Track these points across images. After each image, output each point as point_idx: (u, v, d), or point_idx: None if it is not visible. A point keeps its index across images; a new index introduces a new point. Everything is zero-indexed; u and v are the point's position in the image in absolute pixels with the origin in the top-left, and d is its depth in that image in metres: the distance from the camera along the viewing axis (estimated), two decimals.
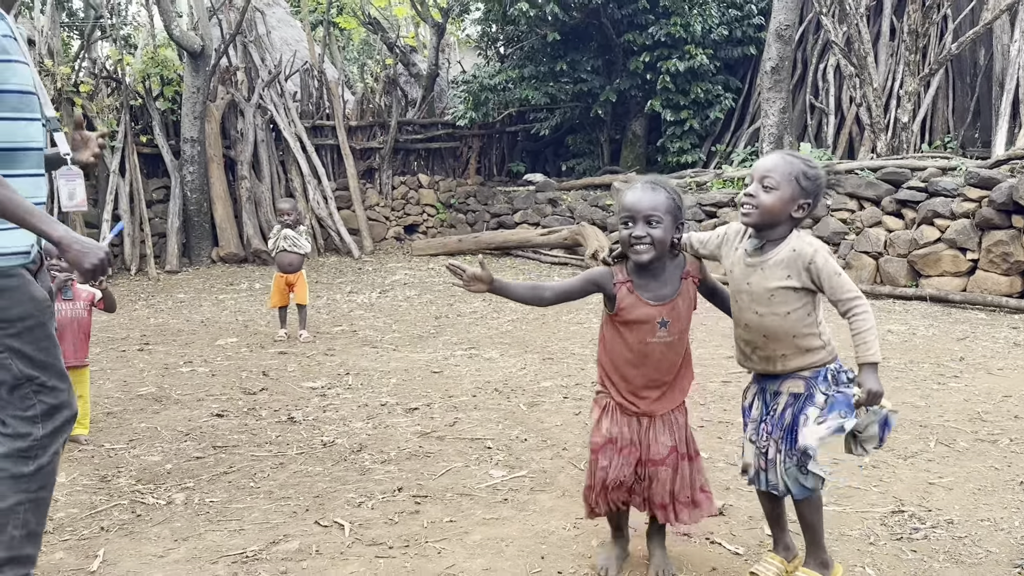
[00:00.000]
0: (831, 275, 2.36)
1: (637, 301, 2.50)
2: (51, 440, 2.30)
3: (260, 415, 4.66)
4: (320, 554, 2.85)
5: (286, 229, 6.82)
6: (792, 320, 2.42)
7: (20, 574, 2.30)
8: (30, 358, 2.26)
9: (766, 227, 2.43)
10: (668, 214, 2.45)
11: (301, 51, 15.56)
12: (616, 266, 2.57)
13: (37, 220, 2.14)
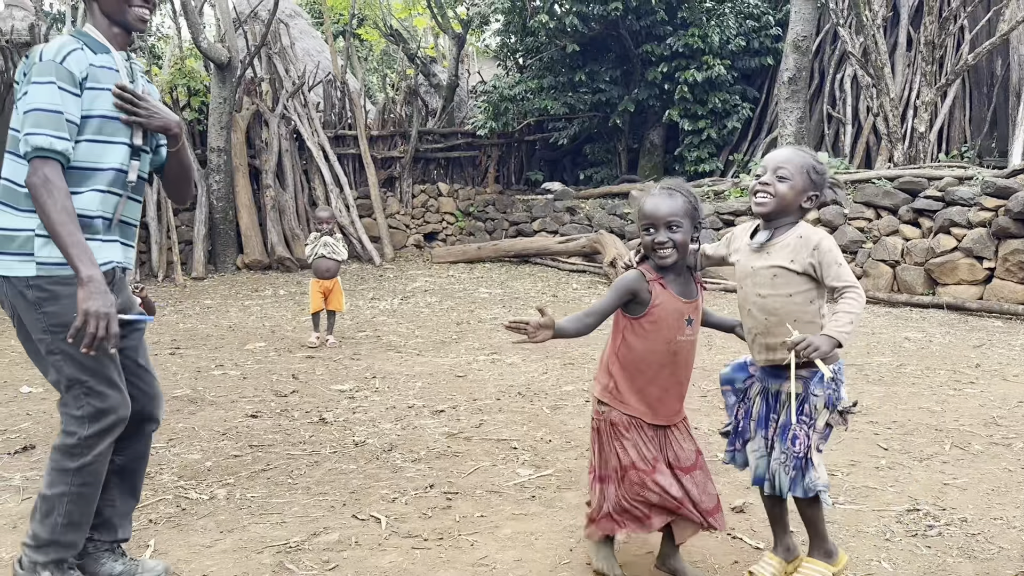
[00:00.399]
0: (832, 263, 2.45)
1: (670, 297, 2.59)
2: (96, 441, 2.45)
3: (292, 416, 4.82)
4: (359, 545, 3.00)
5: (325, 236, 7.01)
6: (795, 303, 2.51)
7: (59, 557, 2.48)
8: (80, 363, 2.42)
9: (777, 216, 2.55)
10: (686, 217, 2.57)
11: (323, 62, 15.83)
12: (643, 266, 2.68)
13: (75, 251, 2.31)
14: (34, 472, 3.88)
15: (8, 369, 6.36)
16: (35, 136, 2.34)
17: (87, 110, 2.44)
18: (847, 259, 9.22)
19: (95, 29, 2.55)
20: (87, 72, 2.44)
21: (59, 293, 2.40)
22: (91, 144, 2.46)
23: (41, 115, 2.35)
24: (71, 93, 2.40)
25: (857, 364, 6.11)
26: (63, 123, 2.38)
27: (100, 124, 2.48)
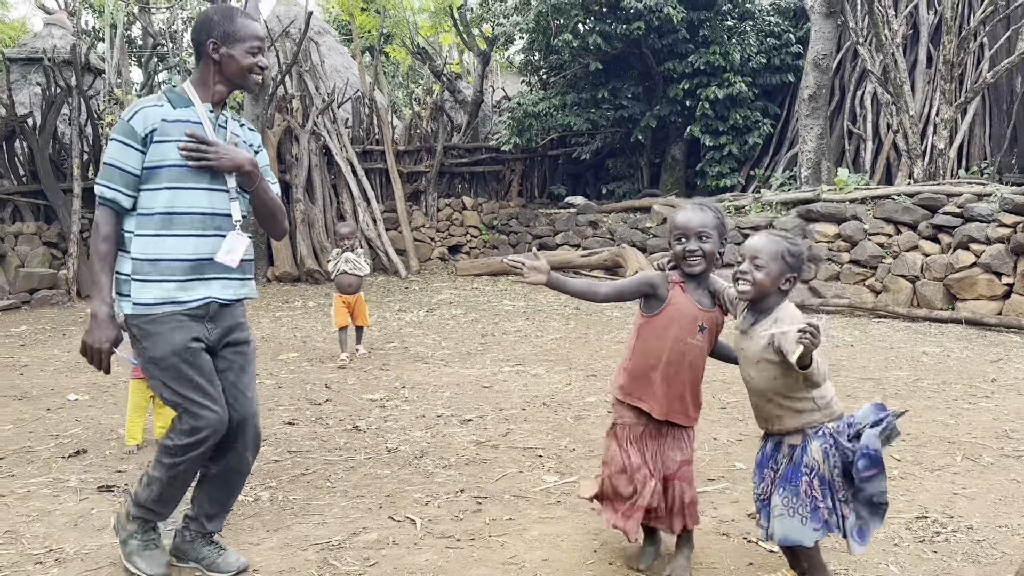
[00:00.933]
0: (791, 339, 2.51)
1: (686, 300, 2.82)
2: (187, 450, 2.78)
3: (327, 424, 5.05)
4: (397, 544, 3.21)
5: (347, 252, 7.09)
6: (780, 385, 2.62)
7: (145, 517, 2.90)
8: (173, 389, 2.77)
9: (758, 300, 2.69)
10: (715, 231, 2.80)
11: (352, 78, 16.18)
12: (670, 271, 2.90)
13: (93, 289, 2.75)
14: (88, 475, 4.13)
15: (55, 378, 6.66)
16: (97, 186, 2.74)
17: (158, 161, 2.73)
18: (867, 273, 9.37)
19: (193, 85, 2.87)
20: (156, 126, 2.73)
21: (149, 331, 2.75)
22: (176, 191, 2.76)
23: (104, 168, 2.73)
24: (131, 147, 2.72)
25: (875, 378, 6.25)
26: (118, 176, 2.72)
27: (174, 173, 2.76)
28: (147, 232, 2.74)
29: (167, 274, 2.74)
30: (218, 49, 2.83)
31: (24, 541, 3.26)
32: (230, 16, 2.85)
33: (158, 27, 19.37)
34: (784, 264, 2.65)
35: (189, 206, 2.78)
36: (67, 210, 12.27)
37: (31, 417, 5.35)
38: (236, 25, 2.83)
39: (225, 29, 2.82)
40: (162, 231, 2.74)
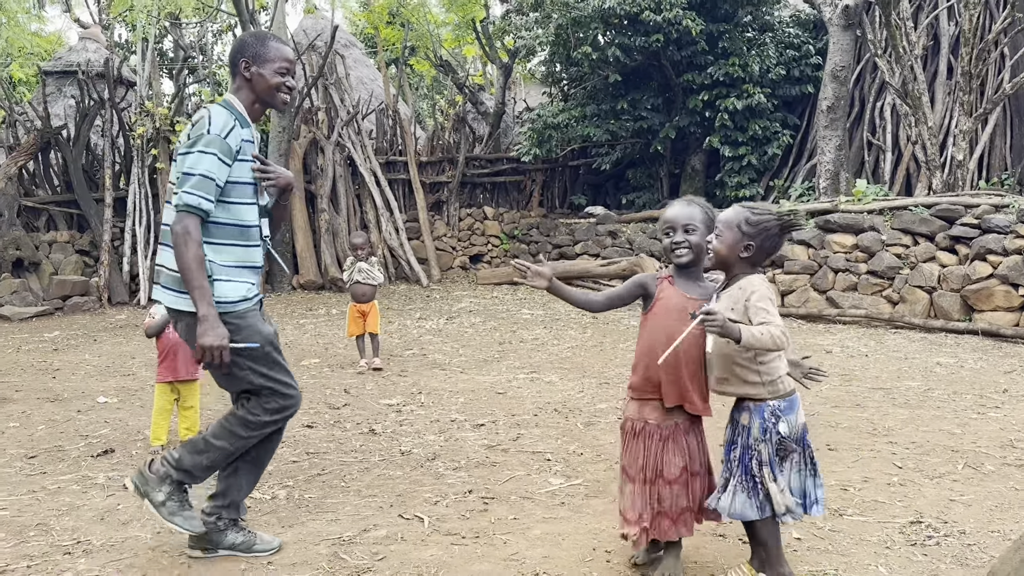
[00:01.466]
0: (754, 307, 2.64)
1: (674, 292, 2.92)
2: (267, 426, 3.11)
3: (345, 427, 5.22)
4: (405, 540, 3.35)
5: (360, 262, 7.20)
6: (731, 350, 2.73)
7: (184, 481, 3.11)
8: (264, 374, 3.07)
9: (722, 268, 2.82)
10: (703, 224, 2.89)
11: (377, 90, 16.45)
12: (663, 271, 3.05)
13: (198, 293, 2.92)
14: (115, 472, 4.33)
15: (85, 381, 6.90)
16: (189, 195, 2.92)
17: (236, 178, 3.03)
18: (884, 284, 9.40)
19: (239, 103, 3.13)
20: (240, 146, 3.03)
21: (240, 325, 3.02)
22: (241, 206, 3.06)
23: (199, 179, 2.93)
24: (225, 164, 2.99)
25: (886, 388, 6.30)
26: (213, 188, 2.97)
27: (248, 190, 3.08)
28: (224, 240, 3.05)
29: (244, 277, 3.09)
30: (249, 68, 3.11)
31: (54, 533, 3.45)
32: (262, 39, 3.15)
33: (189, 40, 19.81)
34: (739, 232, 2.74)
35: (251, 220, 3.11)
36: (99, 219, 12.62)
37: (62, 418, 5.58)
38: (267, 47, 3.13)
39: (256, 51, 3.11)
40: (238, 240, 3.06)
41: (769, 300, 2.68)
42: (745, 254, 2.76)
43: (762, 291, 2.70)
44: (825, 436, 4.91)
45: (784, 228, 2.78)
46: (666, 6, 12.13)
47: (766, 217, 2.76)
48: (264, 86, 3.13)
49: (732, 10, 13.06)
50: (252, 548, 3.16)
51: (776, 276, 10.61)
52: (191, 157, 2.95)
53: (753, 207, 2.81)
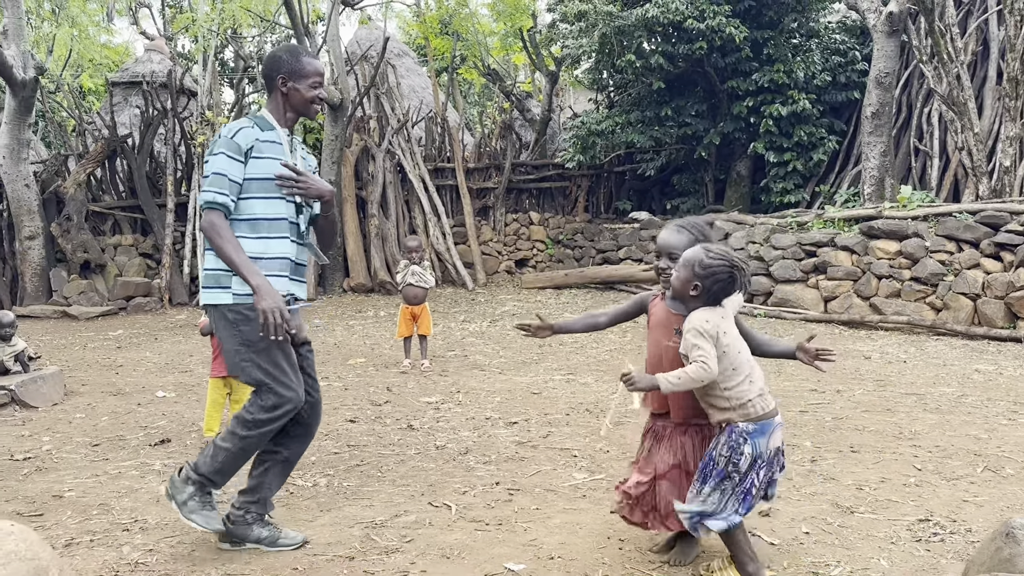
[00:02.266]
0: (689, 343, 2.85)
1: (663, 308, 3.14)
2: (265, 424, 3.20)
3: (385, 422, 5.50)
4: (432, 525, 3.60)
5: (413, 265, 7.42)
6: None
7: (204, 483, 3.25)
8: (264, 369, 3.19)
9: (680, 300, 2.99)
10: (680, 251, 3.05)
11: (427, 98, 16.82)
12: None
13: (244, 268, 3.12)
14: (171, 460, 4.67)
15: (146, 377, 7.33)
16: (205, 192, 3.19)
17: (254, 174, 3.25)
18: (928, 291, 9.36)
19: (269, 113, 3.39)
20: (254, 144, 3.26)
21: (249, 317, 3.19)
22: (262, 200, 3.27)
23: (212, 177, 3.19)
24: (236, 160, 3.21)
25: (919, 394, 6.34)
26: (227, 183, 3.19)
27: (268, 185, 3.28)
28: (245, 234, 3.23)
29: (266, 269, 3.20)
30: (286, 83, 3.37)
31: (114, 513, 3.79)
32: (296, 55, 3.39)
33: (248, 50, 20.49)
34: (691, 272, 2.89)
35: (277, 213, 3.29)
36: (161, 224, 13.21)
37: (124, 411, 5.98)
38: (301, 63, 3.37)
39: (292, 67, 3.36)
40: (260, 234, 3.26)
41: (699, 333, 2.83)
42: (693, 293, 2.91)
43: (695, 325, 2.85)
44: (850, 439, 5.01)
45: (733, 276, 2.88)
46: (709, 14, 12.22)
47: (718, 263, 2.86)
48: (299, 99, 3.37)
49: (777, 17, 13.07)
50: (276, 542, 3.32)
51: (819, 282, 10.62)
52: (207, 163, 3.25)
53: (710, 249, 2.90)
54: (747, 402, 2.88)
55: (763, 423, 2.89)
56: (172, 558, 3.23)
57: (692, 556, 3.19)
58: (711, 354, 2.81)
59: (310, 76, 3.37)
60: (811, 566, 3.14)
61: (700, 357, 2.80)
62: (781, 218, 11.91)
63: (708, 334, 2.83)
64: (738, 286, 2.92)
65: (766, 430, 2.90)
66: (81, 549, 3.34)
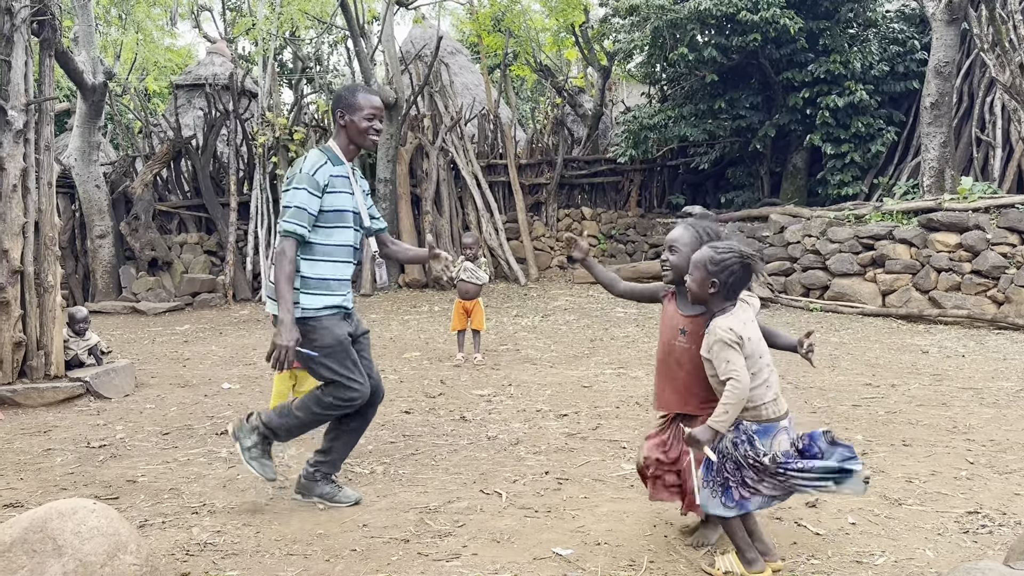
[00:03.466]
0: (720, 361, 2.89)
1: (672, 307, 3.23)
2: (336, 408, 3.70)
3: (439, 414, 5.66)
4: (483, 512, 3.73)
5: (467, 262, 7.54)
6: (715, 380, 2.98)
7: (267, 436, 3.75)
8: (333, 370, 3.66)
9: (700, 304, 3.04)
10: (687, 246, 3.14)
11: (480, 95, 16.99)
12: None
13: (282, 302, 3.53)
14: (236, 448, 4.89)
15: (211, 369, 7.63)
16: (287, 223, 3.60)
17: (328, 207, 3.67)
18: (989, 284, 9.17)
19: (336, 146, 3.81)
20: (328, 181, 3.67)
21: (317, 327, 3.66)
22: (334, 229, 3.72)
23: (295, 210, 3.59)
24: (314, 195, 3.63)
25: (976, 388, 6.26)
26: (306, 216, 3.61)
27: (336, 216, 3.71)
28: (315, 257, 3.68)
29: (330, 289, 3.70)
30: (343, 117, 3.79)
31: (184, 497, 4.01)
32: (353, 92, 3.81)
33: (306, 51, 20.93)
34: (705, 271, 2.94)
35: (343, 241, 3.74)
36: (225, 222, 13.65)
37: (191, 401, 6.26)
38: (357, 98, 3.76)
39: (349, 102, 3.78)
40: (326, 258, 3.70)
41: (727, 346, 2.87)
42: (712, 290, 2.95)
43: (720, 338, 2.88)
44: (903, 433, 5.00)
45: (745, 265, 2.93)
46: (763, 5, 12.10)
47: (728, 256, 2.92)
48: (355, 130, 3.77)
49: (833, 7, 12.87)
50: (335, 498, 3.78)
51: (877, 276, 10.47)
52: (289, 193, 3.63)
53: (717, 246, 2.97)
54: (760, 406, 2.93)
55: (767, 425, 2.94)
56: (238, 539, 3.43)
57: (713, 539, 3.27)
58: (740, 364, 2.86)
59: (364, 108, 3.75)
60: (855, 555, 3.18)
61: (731, 373, 2.85)
62: (838, 211, 11.75)
63: (733, 343, 2.88)
64: (754, 274, 2.98)
65: (770, 432, 2.94)
66: (154, 530, 3.56)
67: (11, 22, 6.05)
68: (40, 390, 6.04)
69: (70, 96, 16.47)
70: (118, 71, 16.86)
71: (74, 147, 12.80)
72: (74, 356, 6.55)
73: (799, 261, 11.58)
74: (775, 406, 2.96)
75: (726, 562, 3.01)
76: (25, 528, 2.47)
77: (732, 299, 3.00)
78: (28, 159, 6.14)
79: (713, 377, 2.98)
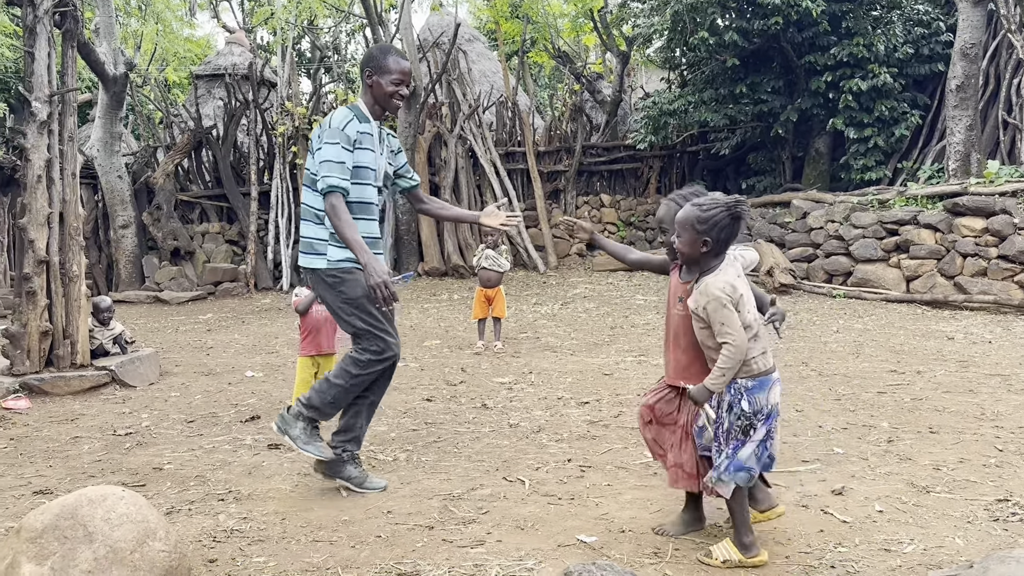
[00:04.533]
0: (716, 321, 2.85)
1: (675, 278, 3.19)
2: (370, 365, 3.68)
3: (460, 401, 5.67)
4: (507, 499, 3.73)
5: (488, 249, 7.60)
6: (704, 334, 2.95)
7: (314, 418, 3.74)
8: (365, 320, 3.65)
9: (690, 264, 2.99)
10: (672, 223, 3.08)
11: (498, 83, 16.93)
12: None
13: (356, 248, 3.55)
14: (260, 435, 4.93)
15: (235, 358, 7.69)
16: (327, 178, 3.56)
17: (356, 162, 3.65)
18: (1016, 269, 9.04)
19: (363, 104, 3.77)
20: (357, 137, 3.65)
21: (344, 279, 3.66)
22: (357, 186, 3.68)
23: (332, 164, 3.56)
24: (347, 150, 3.61)
25: (1004, 375, 6.18)
26: (344, 169, 3.59)
27: (366, 173, 3.71)
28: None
29: None
30: (371, 77, 3.73)
31: (210, 484, 4.04)
32: (385, 53, 3.75)
33: (324, 41, 20.95)
34: (694, 231, 2.89)
35: (368, 197, 3.74)
36: (246, 211, 13.72)
37: (215, 389, 6.31)
38: (387, 60, 3.72)
39: (378, 63, 3.72)
40: (356, 214, 3.67)
41: (723, 306, 2.83)
42: (705, 249, 2.91)
43: (716, 297, 2.84)
44: (929, 420, 4.94)
45: (734, 215, 2.88)
46: None
47: (715, 211, 2.88)
48: (381, 93, 3.72)
49: None
50: (363, 484, 3.78)
51: (901, 261, 10.35)
52: (322, 150, 3.60)
53: (701, 203, 2.92)
54: (751, 360, 2.90)
55: (761, 379, 2.92)
56: (264, 525, 3.45)
57: (684, 531, 3.25)
58: (736, 326, 2.83)
59: (392, 72, 3.70)
60: (883, 543, 3.15)
61: (727, 335, 2.82)
62: (862, 196, 11.63)
63: (731, 302, 2.84)
64: (743, 223, 2.94)
65: (765, 385, 2.93)
66: (181, 516, 3.59)
67: (34, 13, 6.09)
68: (67, 379, 6.11)
69: (92, 87, 16.60)
70: (138, 62, 16.95)
71: (96, 138, 12.89)
72: (99, 345, 6.62)
73: (822, 247, 11.47)
74: (764, 359, 2.93)
75: (721, 550, 2.97)
76: (56, 515, 2.50)
77: (723, 254, 2.97)
78: (52, 150, 6.19)
79: (702, 331, 2.94)
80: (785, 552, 3.08)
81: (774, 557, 3.04)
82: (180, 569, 2.61)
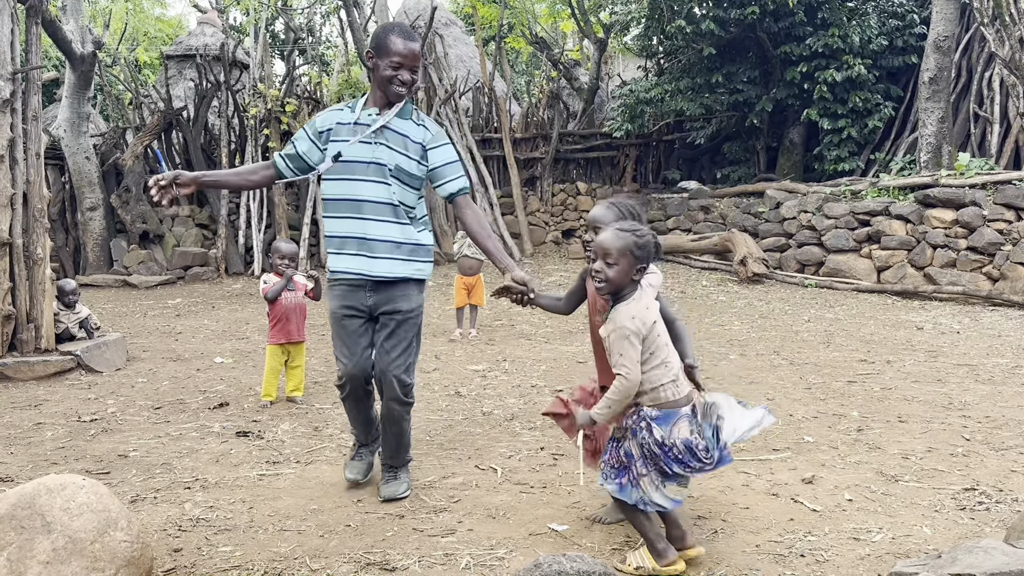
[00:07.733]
0: (614, 352, 2.76)
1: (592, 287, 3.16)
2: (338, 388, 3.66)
3: (433, 389, 5.63)
4: (479, 487, 3.71)
5: (468, 238, 7.54)
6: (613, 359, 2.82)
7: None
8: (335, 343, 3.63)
9: (616, 293, 2.86)
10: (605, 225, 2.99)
11: (474, 68, 16.81)
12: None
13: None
14: (228, 423, 4.85)
15: (204, 344, 7.58)
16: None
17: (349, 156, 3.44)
18: (984, 261, 9.15)
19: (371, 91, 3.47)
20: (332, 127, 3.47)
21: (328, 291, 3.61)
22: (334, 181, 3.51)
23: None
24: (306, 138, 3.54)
25: (971, 365, 6.25)
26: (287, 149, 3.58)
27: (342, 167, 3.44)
28: (327, 213, 3.51)
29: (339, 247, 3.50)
30: (372, 59, 3.38)
31: (176, 472, 3.97)
32: (387, 32, 3.37)
33: (298, 22, 20.66)
34: (632, 258, 2.79)
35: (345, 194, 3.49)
36: (217, 195, 13.51)
37: (184, 376, 6.21)
38: (387, 41, 3.32)
39: (378, 42, 3.36)
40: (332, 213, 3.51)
41: (624, 338, 2.74)
42: (637, 276, 2.84)
43: (623, 324, 2.76)
44: (898, 409, 4.99)
45: (657, 241, 2.85)
46: None
47: (648, 236, 2.84)
48: (379, 77, 3.34)
49: None
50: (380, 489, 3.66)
51: (873, 251, 10.45)
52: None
53: (633, 229, 2.83)
54: (659, 387, 2.79)
55: (668, 411, 2.80)
56: (231, 514, 3.39)
57: (618, 519, 3.24)
58: (632, 359, 2.74)
59: (391, 54, 3.30)
60: (852, 532, 3.17)
61: (622, 368, 2.74)
62: (834, 186, 11.71)
63: (639, 333, 2.76)
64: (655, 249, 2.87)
65: (670, 418, 2.79)
66: (146, 505, 3.52)
67: None
68: (30, 364, 5.98)
69: (59, 66, 16.24)
70: (107, 41, 16.61)
71: (63, 118, 12.62)
72: (65, 329, 6.49)
73: (794, 237, 11.55)
74: (674, 388, 2.82)
75: (637, 557, 2.89)
76: (13, 504, 2.43)
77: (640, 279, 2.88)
78: (15, 129, 6.03)
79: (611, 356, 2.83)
80: (755, 541, 3.09)
81: (744, 545, 3.05)
82: (143, 559, 2.56)
